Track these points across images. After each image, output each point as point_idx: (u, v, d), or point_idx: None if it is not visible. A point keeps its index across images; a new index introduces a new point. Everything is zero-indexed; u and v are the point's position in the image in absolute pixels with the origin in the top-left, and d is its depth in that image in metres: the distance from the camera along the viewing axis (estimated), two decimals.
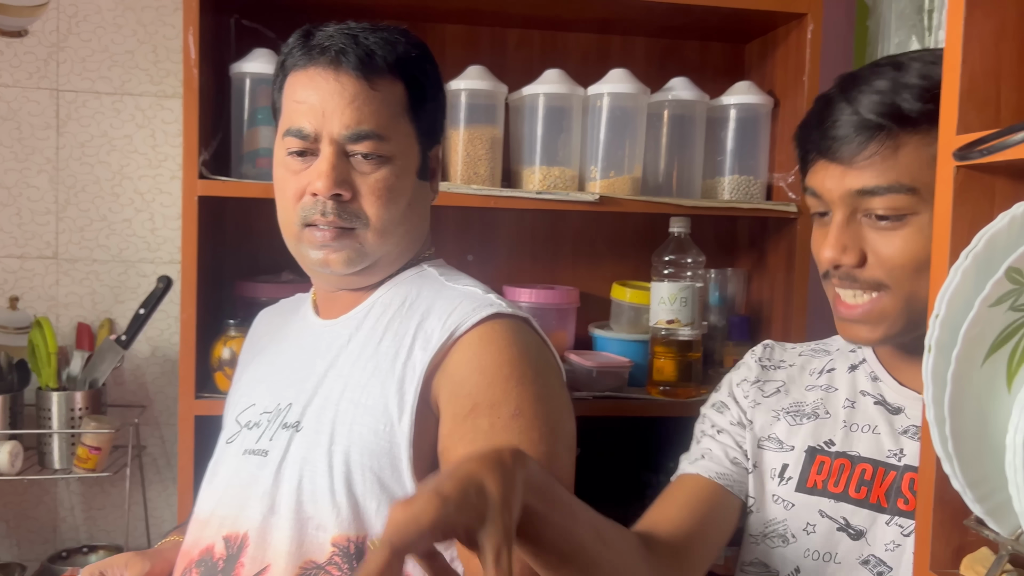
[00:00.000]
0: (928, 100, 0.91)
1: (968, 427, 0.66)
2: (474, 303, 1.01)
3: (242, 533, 0.98)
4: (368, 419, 0.98)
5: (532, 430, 0.95)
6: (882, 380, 1.05)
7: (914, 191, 0.93)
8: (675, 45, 1.79)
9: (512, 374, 0.96)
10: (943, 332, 0.66)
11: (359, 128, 1.01)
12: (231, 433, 1.10)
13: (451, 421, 0.97)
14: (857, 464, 1.01)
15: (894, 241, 0.95)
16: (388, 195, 1.03)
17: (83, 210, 1.72)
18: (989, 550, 0.71)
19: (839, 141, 0.95)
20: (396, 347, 1.01)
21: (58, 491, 1.74)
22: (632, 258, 1.79)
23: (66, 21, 1.69)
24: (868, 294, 0.97)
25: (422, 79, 1.07)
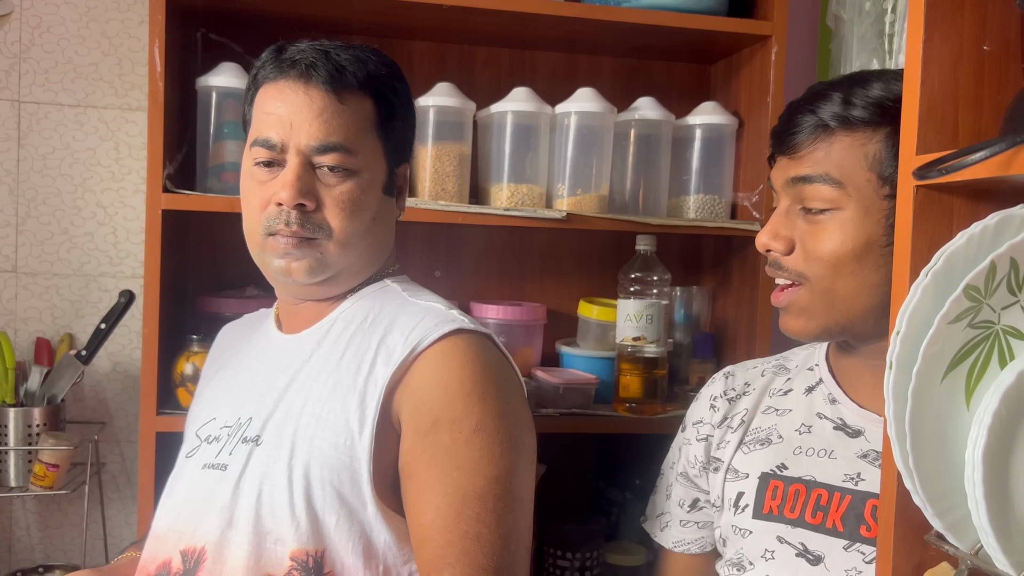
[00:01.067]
0: (871, 107, 0.98)
1: (928, 443, 0.67)
2: (436, 318, 1.02)
3: (199, 547, 0.97)
4: (329, 433, 0.98)
5: (493, 444, 0.96)
6: (841, 403, 1.06)
7: (840, 185, 0.98)
8: (641, 65, 1.81)
9: (474, 389, 0.97)
10: (904, 349, 0.67)
11: (326, 140, 1.02)
12: (191, 447, 1.09)
13: (412, 436, 0.97)
14: (812, 489, 1.02)
15: (817, 234, 0.99)
16: (352, 208, 1.04)
17: (44, 223, 1.69)
18: (949, 565, 0.72)
19: (789, 135, 1.02)
20: (358, 362, 1.01)
21: (13, 509, 1.70)
22: (599, 275, 1.80)
23: (29, 32, 1.66)
24: (790, 283, 1.03)
25: (391, 97, 1.08)
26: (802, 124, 1.01)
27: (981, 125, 0.71)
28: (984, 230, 0.66)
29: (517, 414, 1.00)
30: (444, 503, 0.94)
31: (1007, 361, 0.66)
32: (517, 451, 0.98)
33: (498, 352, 1.04)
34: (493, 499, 0.94)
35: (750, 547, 1.04)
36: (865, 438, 1.02)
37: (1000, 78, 0.72)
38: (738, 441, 1.11)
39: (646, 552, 1.62)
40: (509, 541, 0.95)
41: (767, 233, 1.03)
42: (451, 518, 0.93)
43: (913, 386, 0.65)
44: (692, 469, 1.17)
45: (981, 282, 0.64)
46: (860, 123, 0.97)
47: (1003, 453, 0.62)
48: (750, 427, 1.11)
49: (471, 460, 0.95)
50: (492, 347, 1.03)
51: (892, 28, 1.56)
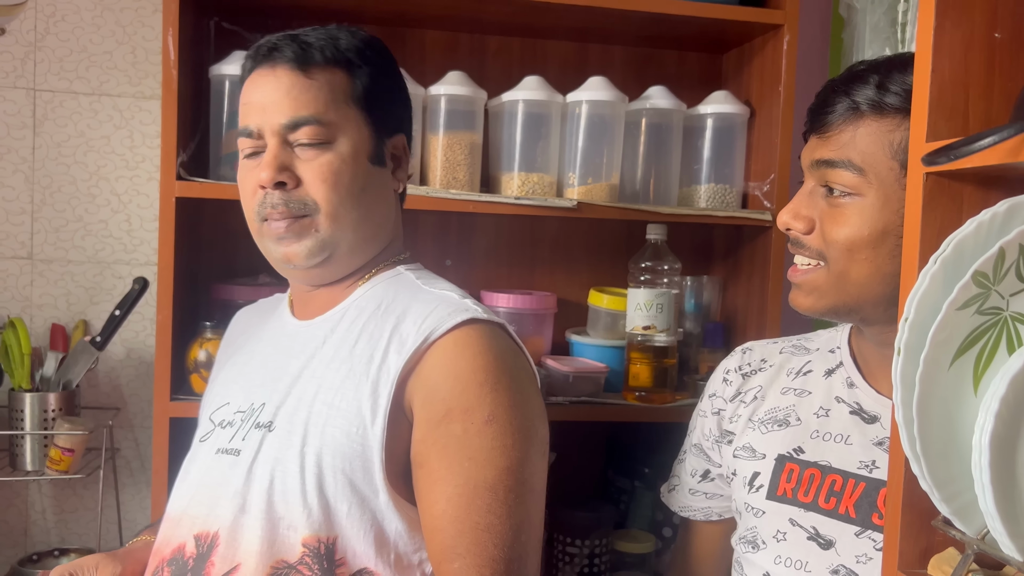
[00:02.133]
0: (906, 95, 0.96)
1: (936, 428, 0.67)
2: (449, 307, 1.01)
3: (213, 532, 0.98)
4: (341, 421, 0.98)
5: (505, 436, 0.95)
6: (859, 387, 1.06)
7: (861, 172, 0.97)
8: (653, 54, 1.81)
9: (486, 380, 0.97)
10: (912, 335, 0.68)
11: (296, 116, 1.02)
12: (205, 432, 1.10)
13: (424, 426, 0.97)
14: (827, 474, 1.02)
15: (836, 217, 0.99)
16: (334, 178, 1.03)
17: (59, 211, 1.70)
18: (956, 550, 0.73)
19: (820, 115, 1.02)
20: (371, 350, 1.01)
21: (29, 493, 1.72)
22: (609, 264, 1.81)
23: (44, 21, 1.68)
24: (811, 262, 1.03)
25: (368, 68, 1.07)
26: (834, 105, 1.00)
27: (991, 112, 0.71)
28: (993, 217, 0.66)
29: (530, 404, 1.00)
30: (455, 493, 0.94)
31: (1015, 347, 0.66)
32: (529, 442, 0.98)
33: (511, 342, 1.04)
34: (504, 490, 0.94)
35: (763, 526, 1.05)
36: (881, 425, 1.03)
37: (1011, 66, 0.72)
38: (749, 416, 1.12)
39: (655, 540, 1.62)
40: (520, 532, 0.95)
41: (789, 212, 1.04)
42: (462, 508, 0.93)
43: (921, 372, 0.65)
44: (706, 441, 1.19)
45: (990, 269, 0.64)
46: (891, 109, 0.96)
47: (1010, 439, 0.63)
48: (766, 406, 1.11)
49: (483, 451, 0.95)
50: (505, 337, 1.03)
51: (905, 17, 1.55)
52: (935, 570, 0.73)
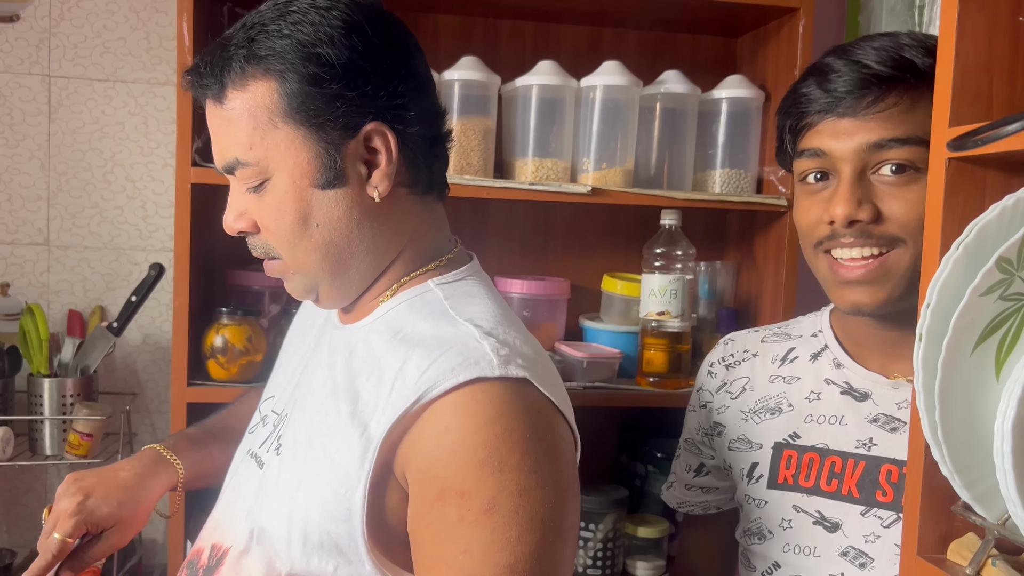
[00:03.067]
0: (931, 55, 0.91)
1: (957, 414, 0.67)
2: (458, 358, 0.83)
3: (225, 548, 0.93)
4: (332, 476, 0.87)
5: (509, 527, 0.79)
6: (847, 367, 1.05)
7: (927, 144, 0.92)
8: (667, 38, 1.80)
9: (488, 459, 0.79)
10: (934, 321, 0.67)
11: (225, 160, 0.91)
12: (253, 423, 1.06)
13: (418, 502, 0.84)
14: (826, 457, 1.02)
15: (907, 196, 0.94)
16: (275, 224, 0.91)
17: (75, 197, 1.71)
18: (975, 535, 0.73)
19: (852, 95, 0.94)
20: (376, 396, 0.87)
21: (48, 477, 1.74)
22: (623, 250, 1.80)
23: (58, 7, 1.68)
24: (879, 250, 0.96)
25: (298, 67, 0.87)
26: (857, 82, 0.94)
27: (1015, 97, 0.70)
28: (1017, 203, 0.66)
29: (547, 487, 0.81)
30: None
31: None
32: (542, 533, 0.80)
33: (536, 401, 0.84)
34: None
35: (767, 517, 1.05)
36: (872, 401, 1.02)
37: None
38: (740, 408, 1.12)
39: (668, 524, 1.63)
40: None
41: (848, 202, 0.94)
42: None
43: (943, 358, 0.65)
44: (696, 435, 1.19)
45: (1013, 254, 0.63)
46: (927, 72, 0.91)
47: None
48: (756, 395, 1.11)
49: (479, 544, 0.79)
50: (528, 395, 0.83)
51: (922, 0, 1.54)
52: (955, 555, 0.73)
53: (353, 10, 0.89)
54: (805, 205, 1.02)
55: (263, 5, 0.91)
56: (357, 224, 0.91)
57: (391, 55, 0.91)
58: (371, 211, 0.92)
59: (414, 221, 0.96)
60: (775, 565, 1.03)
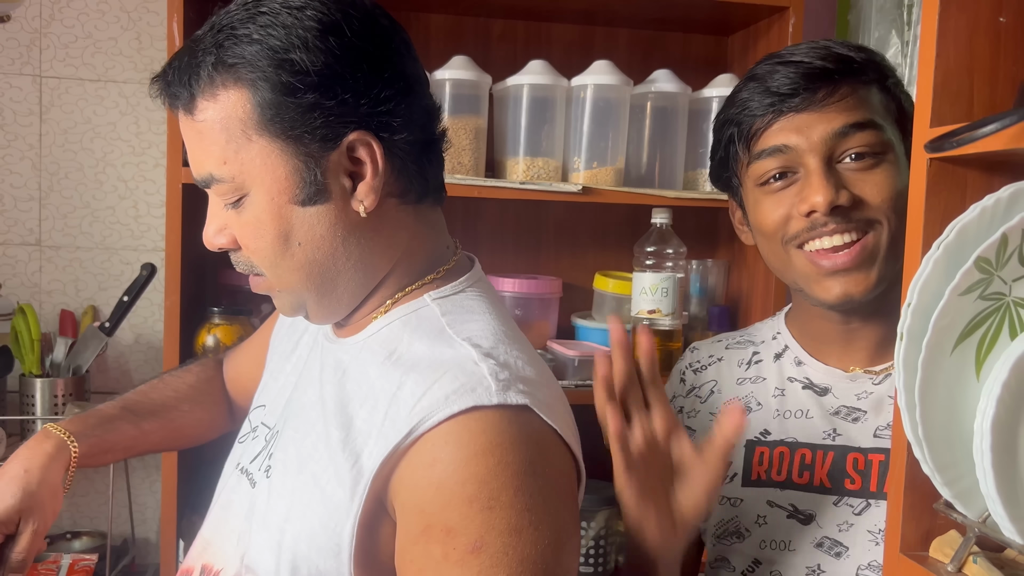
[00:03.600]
0: (857, 51, 1.00)
1: (938, 413, 0.68)
2: (454, 383, 0.77)
3: (217, 570, 0.90)
4: (320, 509, 0.82)
5: (497, 569, 0.73)
6: (807, 364, 1.08)
7: (882, 129, 0.98)
8: (658, 37, 1.80)
9: (477, 496, 0.74)
10: (915, 320, 0.68)
11: (199, 175, 0.86)
12: (243, 432, 1.02)
13: (403, 538, 0.78)
14: (796, 450, 1.03)
15: (874, 179, 0.98)
16: (255, 243, 0.85)
17: (66, 197, 1.71)
18: (957, 533, 0.74)
19: (805, 90, 0.98)
20: (368, 425, 0.82)
21: None
22: (614, 249, 1.81)
23: (49, 7, 1.68)
24: (857, 235, 0.97)
25: (274, 74, 0.80)
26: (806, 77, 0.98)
27: (996, 98, 0.71)
28: (996, 203, 0.66)
29: (539, 527, 0.75)
30: None
31: (1017, 332, 0.66)
32: (532, 574, 0.75)
33: (538, 430, 0.78)
34: None
35: (743, 515, 1.06)
36: (833, 395, 1.05)
37: (1016, 51, 0.71)
38: (709, 411, 1.13)
39: None
40: None
41: (828, 190, 0.95)
42: None
43: (923, 357, 0.66)
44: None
45: (992, 254, 0.64)
46: (860, 67, 0.99)
47: (1011, 423, 0.63)
48: (724, 397, 1.12)
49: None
50: (527, 423, 0.78)
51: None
52: (937, 553, 0.74)
53: (329, 7, 0.82)
54: (768, 205, 1.02)
55: (232, 4, 0.84)
56: (343, 241, 0.85)
57: (373, 56, 0.84)
58: (358, 227, 0.85)
59: (407, 233, 0.89)
60: (755, 563, 1.04)
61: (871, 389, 1.04)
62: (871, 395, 1.03)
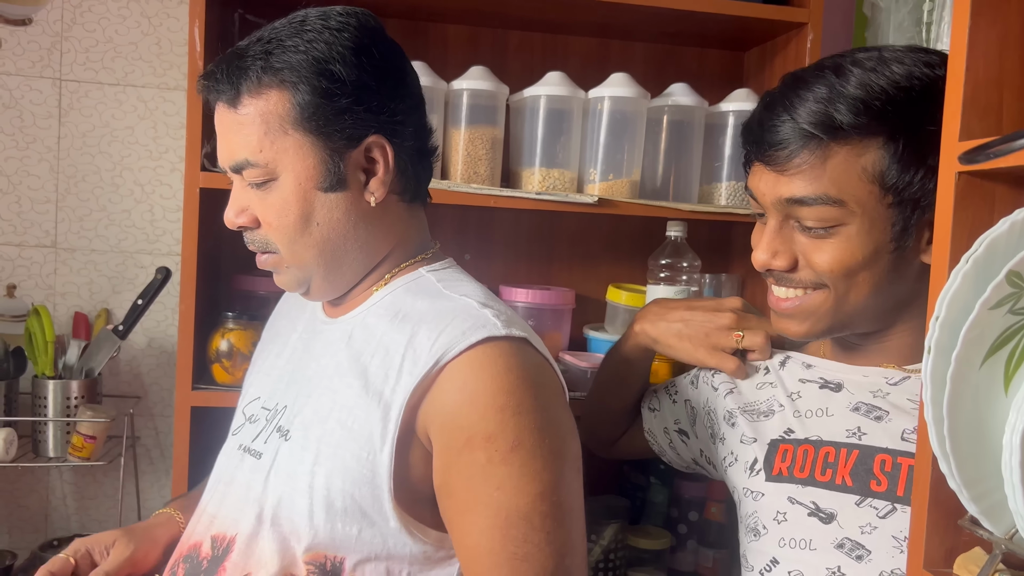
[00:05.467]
0: (861, 112, 0.93)
1: (965, 427, 0.67)
2: (466, 323, 0.94)
3: (230, 536, 0.97)
4: (352, 445, 0.95)
5: (535, 460, 0.90)
6: (815, 365, 1.10)
7: (840, 203, 0.95)
8: (674, 51, 1.81)
9: (507, 403, 0.90)
10: (943, 333, 0.68)
11: (235, 159, 0.98)
12: (236, 425, 1.11)
13: (445, 454, 0.93)
14: (820, 448, 1.03)
15: (824, 249, 0.98)
16: (278, 220, 0.99)
17: (83, 200, 1.72)
18: (982, 550, 0.73)
19: (773, 147, 0.98)
20: (385, 368, 0.96)
21: (51, 479, 1.74)
22: (627, 261, 1.81)
23: (71, 11, 1.69)
24: (802, 290, 1.01)
25: (309, 80, 0.95)
26: (784, 133, 0.96)
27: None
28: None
29: (559, 423, 0.94)
30: (488, 525, 0.90)
31: None
32: (561, 462, 0.92)
33: (536, 356, 0.96)
34: (540, 516, 0.89)
35: (763, 510, 1.05)
36: (848, 390, 1.05)
37: None
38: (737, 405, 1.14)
39: (671, 537, 1.63)
40: (563, 556, 0.91)
41: (765, 251, 1.01)
42: (497, 540, 0.89)
43: (952, 371, 0.65)
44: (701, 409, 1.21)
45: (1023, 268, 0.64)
46: (852, 130, 0.94)
47: None
48: (745, 399, 1.14)
49: (511, 479, 0.89)
50: (529, 351, 0.95)
51: (930, 16, 1.54)
52: (961, 569, 0.73)
53: (363, 33, 0.99)
54: (755, 231, 1.08)
55: (278, 23, 1.00)
56: (354, 225, 1.00)
57: (393, 76, 1.01)
58: (366, 214, 1.01)
59: (402, 225, 1.06)
60: (773, 561, 1.03)
61: (887, 389, 1.04)
62: (888, 396, 1.03)
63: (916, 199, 0.95)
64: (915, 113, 0.93)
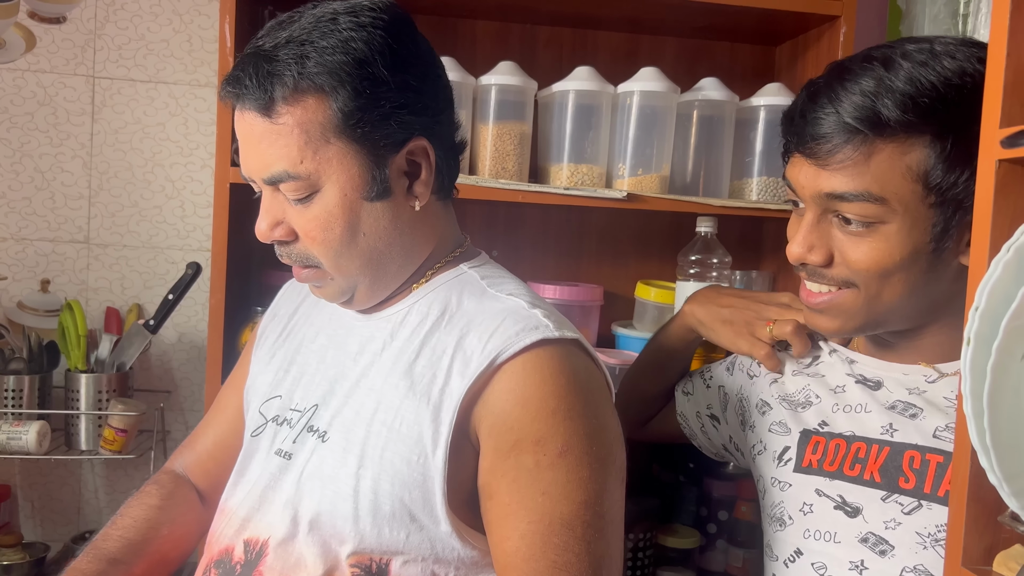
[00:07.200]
0: (909, 109, 0.90)
1: (1005, 420, 0.65)
2: (518, 324, 0.92)
3: (263, 540, 0.95)
4: (401, 447, 0.92)
5: (582, 467, 0.88)
6: (857, 361, 1.08)
7: (883, 201, 0.92)
8: (705, 45, 1.79)
9: (559, 407, 0.89)
10: (982, 324, 0.66)
11: (271, 172, 0.91)
12: (256, 425, 1.06)
13: (493, 455, 0.90)
14: (852, 443, 1.02)
15: (860, 247, 0.95)
16: (323, 235, 0.93)
17: (115, 196, 1.74)
18: (1022, 547, 0.71)
19: (816, 139, 0.94)
20: (433, 369, 0.94)
21: (83, 472, 1.76)
22: (657, 257, 1.80)
23: (104, 9, 1.71)
24: (834, 287, 0.99)
25: (349, 84, 0.89)
26: (827, 126, 0.93)
27: None
28: None
29: (607, 430, 0.92)
30: (529, 530, 0.88)
31: None
32: (607, 471, 0.90)
33: (586, 359, 0.94)
34: (582, 526, 0.88)
35: (789, 500, 1.05)
36: (887, 388, 1.04)
37: None
38: (775, 394, 1.13)
39: (699, 536, 1.61)
40: (600, 568, 0.88)
41: (801, 245, 0.98)
42: (537, 547, 0.87)
43: (992, 362, 0.64)
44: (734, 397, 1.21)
45: None
46: (898, 127, 0.91)
47: None
48: (787, 388, 1.13)
49: (557, 485, 0.88)
50: (579, 354, 0.93)
51: (967, 8, 1.52)
52: (1001, 567, 0.71)
53: (398, 28, 0.93)
54: (791, 222, 1.05)
55: (303, 20, 0.93)
56: (400, 232, 0.97)
57: (431, 71, 0.96)
58: (411, 219, 0.97)
59: (441, 223, 1.03)
60: (797, 552, 1.02)
61: (924, 387, 1.02)
62: (924, 393, 1.01)
63: (959, 200, 0.92)
64: (964, 112, 0.88)
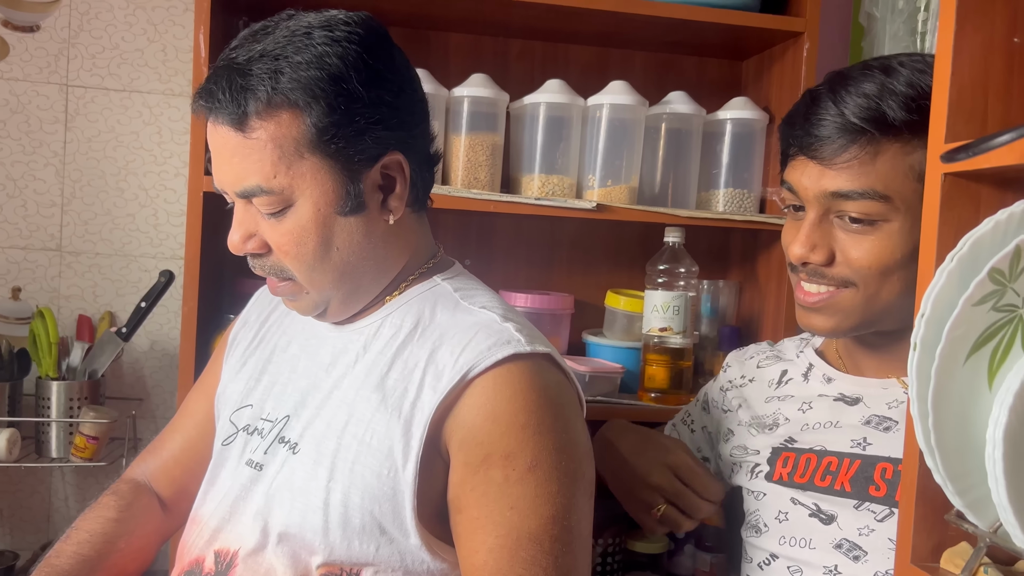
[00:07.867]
0: (913, 110, 0.94)
1: (950, 422, 0.68)
2: (490, 339, 0.92)
3: (233, 551, 0.95)
4: (371, 460, 0.92)
5: (550, 482, 0.89)
6: (836, 380, 1.09)
7: (887, 199, 0.95)
8: (673, 60, 1.83)
9: (528, 422, 0.89)
10: (928, 330, 0.69)
11: (243, 186, 0.91)
12: (227, 435, 1.06)
13: (463, 469, 0.91)
14: (823, 457, 1.04)
15: (863, 244, 0.97)
16: (296, 249, 0.93)
17: (88, 204, 1.74)
18: (968, 544, 0.74)
19: (820, 140, 0.97)
20: (405, 382, 0.94)
21: (53, 480, 1.75)
22: (627, 267, 1.82)
23: (78, 18, 1.71)
24: (833, 287, 1.01)
25: (324, 99, 0.89)
26: (833, 127, 0.96)
27: (1010, 115, 0.72)
28: (1010, 217, 0.68)
29: (576, 445, 0.93)
30: (497, 544, 0.88)
31: None
32: (575, 486, 0.91)
33: (557, 374, 0.95)
34: (550, 540, 0.88)
35: (764, 509, 1.07)
36: (864, 404, 1.05)
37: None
38: (737, 422, 1.15)
39: (668, 540, 1.63)
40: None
41: (803, 245, 0.99)
42: (504, 560, 0.88)
43: (936, 366, 0.67)
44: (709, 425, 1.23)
45: (1006, 266, 0.65)
46: (903, 127, 0.94)
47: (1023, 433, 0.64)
48: (752, 412, 1.14)
49: (525, 499, 0.88)
50: (550, 369, 0.94)
51: (924, 26, 1.56)
52: (948, 564, 0.74)
53: (374, 42, 0.93)
54: (786, 227, 1.07)
55: (277, 33, 0.92)
56: (373, 245, 0.97)
57: (407, 85, 0.96)
58: (385, 232, 0.97)
59: (415, 235, 1.03)
60: (772, 556, 1.05)
61: (902, 398, 1.03)
62: (902, 404, 1.03)
63: None
64: None
